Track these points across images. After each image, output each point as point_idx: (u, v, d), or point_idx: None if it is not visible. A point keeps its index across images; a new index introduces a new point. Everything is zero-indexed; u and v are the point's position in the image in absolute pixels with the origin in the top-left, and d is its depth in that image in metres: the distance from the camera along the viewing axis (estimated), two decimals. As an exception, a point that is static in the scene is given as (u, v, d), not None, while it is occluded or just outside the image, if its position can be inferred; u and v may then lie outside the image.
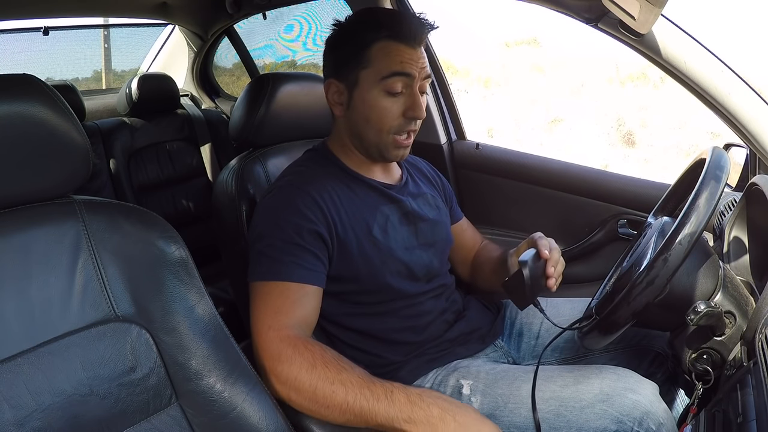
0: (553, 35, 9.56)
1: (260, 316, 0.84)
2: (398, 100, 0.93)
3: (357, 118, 0.96)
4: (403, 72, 0.91)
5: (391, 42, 0.91)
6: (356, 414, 0.75)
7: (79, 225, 0.69)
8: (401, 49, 0.92)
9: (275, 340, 0.80)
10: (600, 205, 1.48)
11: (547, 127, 7.62)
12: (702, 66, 0.99)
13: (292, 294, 0.85)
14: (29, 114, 0.63)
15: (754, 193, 0.97)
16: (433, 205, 1.09)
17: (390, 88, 0.92)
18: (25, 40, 2.19)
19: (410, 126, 0.95)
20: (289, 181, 0.95)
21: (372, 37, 0.92)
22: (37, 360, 0.63)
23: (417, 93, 0.94)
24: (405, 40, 0.92)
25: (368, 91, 0.93)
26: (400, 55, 0.91)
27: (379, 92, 0.93)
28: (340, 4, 1.80)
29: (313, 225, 0.89)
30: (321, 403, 0.76)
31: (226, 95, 2.59)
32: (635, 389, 0.82)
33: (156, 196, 2.05)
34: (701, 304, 0.74)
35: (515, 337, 1.11)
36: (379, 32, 0.92)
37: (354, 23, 0.97)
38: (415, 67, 0.92)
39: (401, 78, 0.92)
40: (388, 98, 0.93)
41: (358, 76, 0.93)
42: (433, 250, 1.05)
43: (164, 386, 0.71)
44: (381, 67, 0.91)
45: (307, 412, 0.79)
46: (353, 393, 0.75)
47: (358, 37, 0.93)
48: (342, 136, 1.02)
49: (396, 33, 0.91)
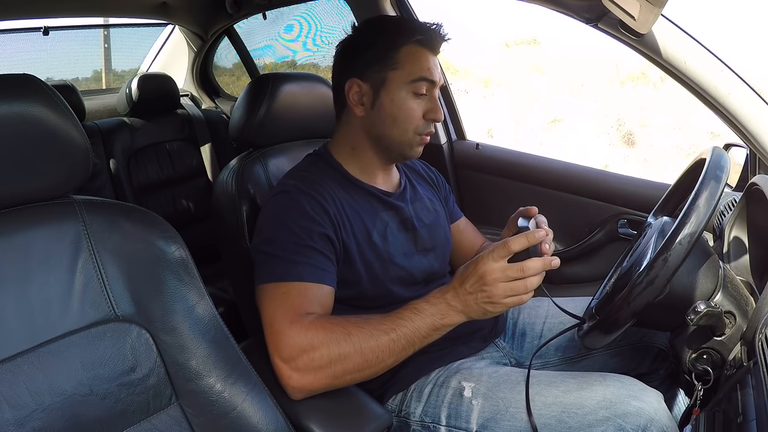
0: (553, 35, 9.56)
1: (277, 315, 0.82)
2: (422, 103, 0.97)
3: (383, 117, 0.98)
4: (429, 78, 0.96)
5: (419, 47, 0.96)
6: (401, 350, 0.81)
7: (79, 225, 0.69)
8: (428, 55, 0.97)
9: (300, 331, 0.80)
10: (600, 205, 1.48)
11: (547, 127, 7.62)
12: (702, 66, 0.99)
13: (311, 293, 0.85)
14: (29, 114, 0.63)
15: (754, 193, 0.97)
16: (431, 209, 1.09)
17: (417, 90, 0.96)
18: (25, 40, 2.19)
19: (429, 128, 1.00)
20: (295, 185, 0.95)
21: (403, 41, 0.96)
22: (37, 360, 0.63)
23: (436, 97, 0.99)
24: (431, 47, 0.98)
25: (397, 91, 0.96)
26: (427, 61, 0.97)
27: (407, 93, 0.96)
28: (340, 4, 1.80)
29: (323, 228, 0.90)
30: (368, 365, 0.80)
31: (226, 95, 2.59)
32: (639, 397, 0.81)
33: (156, 196, 2.05)
34: (701, 304, 0.74)
35: (518, 337, 1.11)
36: (410, 36, 0.96)
37: (384, 25, 1.03)
38: (436, 74, 0.98)
39: (426, 83, 0.96)
40: (415, 100, 0.97)
41: (386, 76, 0.96)
42: (432, 254, 1.05)
43: (164, 386, 0.71)
44: (411, 71, 0.95)
45: (356, 381, 0.82)
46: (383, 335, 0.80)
47: (389, 38, 0.97)
48: (350, 138, 1.02)
49: (425, 40, 0.97)
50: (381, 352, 0.80)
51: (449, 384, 0.93)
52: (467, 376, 0.93)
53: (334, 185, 0.97)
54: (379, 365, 0.81)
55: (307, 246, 0.87)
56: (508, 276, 0.75)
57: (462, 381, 0.92)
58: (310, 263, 0.87)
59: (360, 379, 0.82)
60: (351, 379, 0.81)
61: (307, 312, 0.83)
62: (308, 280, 0.86)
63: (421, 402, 0.93)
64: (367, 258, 0.94)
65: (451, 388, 0.92)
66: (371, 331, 0.80)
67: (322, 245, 0.89)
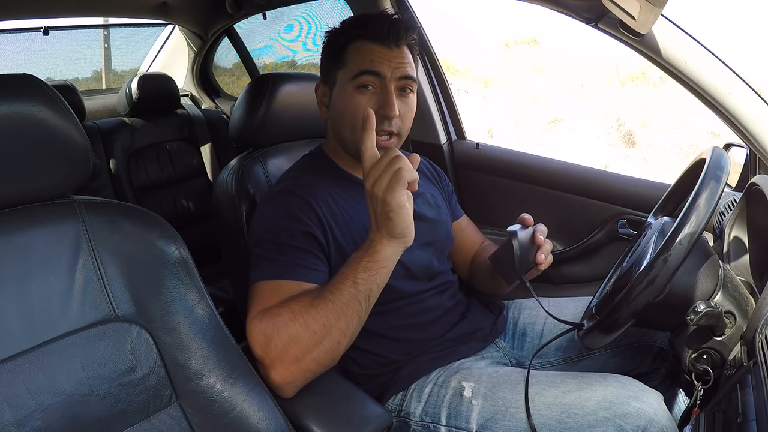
0: (553, 35, 9.56)
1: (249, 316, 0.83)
2: (371, 98, 0.93)
3: (335, 117, 0.99)
4: (371, 70, 0.92)
5: (364, 42, 0.94)
6: (347, 305, 0.79)
7: (79, 225, 0.69)
8: (374, 48, 0.93)
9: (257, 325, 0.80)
10: (600, 205, 1.48)
11: (547, 127, 7.62)
12: (702, 66, 0.99)
13: (285, 291, 0.85)
14: (29, 114, 0.63)
15: (754, 193, 0.96)
16: (432, 204, 1.09)
17: (361, 83, 0.93)
18: (25, 40, 2.19)
19: (384, 125, 0.93)
20: (285, 187, 0.97)
21: (346, 38, 0.95)
22: (37, 360, 0.63)
23: (390, 92, 0.93)
24: (378, 40, 0.93)
25: (343, 89, 0.95)
26: (372, 54, 0.93)
27: (352, 90, 0.94)
28: (340, 4, 1.80)
29: (306, 227, 0.90)
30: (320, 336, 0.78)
31: (226, 95, 2.59)
32: (639, 397, 0.81)
33: (156, 196, 2.05)
34: (701, 304, 0.74)
35: (518, 337, 1.11)
36: (351, 32, 0.95)
37: (334, 29, 1.00)
38: (386, 66, 0.92)
39: (371, 76, 0.93)
40: (361, 95, 0.94)
41: (336, 76, 0.97)
42: (431, 249, 1.04)
43: (164, 386, 0.71)
44: (352, 67, 0.94)
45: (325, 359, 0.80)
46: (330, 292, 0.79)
47: (336, 39, 0.97)
48: (330, 138, 1.05)
49: (367, 32, 0.93)
50: (326, 317, 0.78)
51: (449, 384, 0.93)
52: (467, 376, 0.93)
53: (330, 184, 0.98)
54: (333, 332, 0.78)
55: (289, 246, 0.88)
56: (378, 171, 0.75)
57: (462, 381, 0.92)
58: (292, 261, 0.87)
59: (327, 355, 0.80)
60: (316, 357, 0.79)
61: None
62: (285, 278, 0.86)
63: (421, 402, 0.93)
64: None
65: (451, 388, 0.92)
66: (311, 300, 0.79)
67: (306, 244, 0.89)
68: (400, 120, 0.94)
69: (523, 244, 0.88)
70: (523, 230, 0.90)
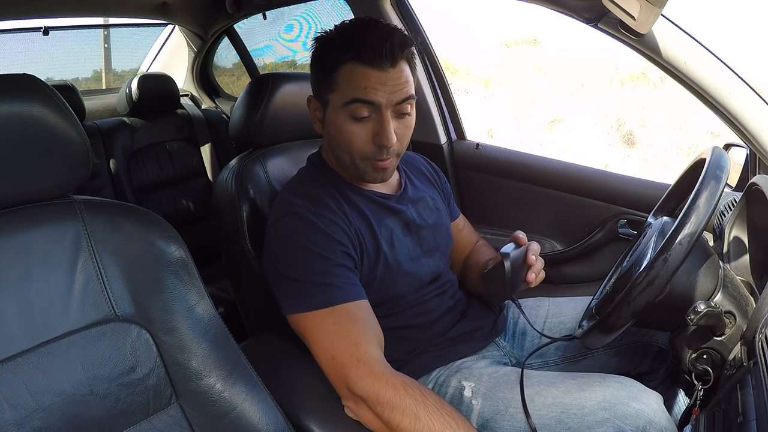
0: (553, 35, 9.55)
1: (338, 348, 0.81)
2: (366, 126, 0.88)
3: (331, 138, 0.94)
4: (365, 99, 0.85)
5: (357, 65, 0.85)
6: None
7: (79, 225, 0.69)
8: (367, 73, 0.85)
9: (370, 378, 0.78)
10: (600, 205, 1.48)
11: (547, 127, 7.62)
12: (702, 66, 0.99)
13: (358, 316, 0.83)
14: (29, 114, 0.63)
15: (754, 193, 0.96)
16: (433, 208, 1.09)
17: (354, 113, 0.87)
18: (25, 40, 2.19)
19: (383, 154, 0.89)
20: (304, 206, 0.91)
21: (337, 60, 0.87)
22: (37, 360, 0.63)
23: (386, 119, 0.87)
24: (372, 63, 0.84)
25: (336, 114, 0.89)
26: (365, 80, 0.85)
27: (345, 117, 0.88)
28: (340, 4, 1.80)
29: (343, 246, 0.88)
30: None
31: (226, 95, 2.59)
32: (639, 398, 0.81)
33: (156, 196, 2.05)
34: (701, 304, 0.74)
35: (519, 336, 1.11)
36: (342, 54, 0.86)
37: (323, 42, 0.91)
38: (381, 93, 0.85)
39: (365, 105, 0.86)
40: (355, 123, 0.88)
41: (328, 98, 0.90)
42: (437, 254, 1.04)
43: (164, 386, 0.71)
44: (345, 92, 0.87)
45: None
46: None
47: (325, 58, 0.89)
48: (326, 150, 1.02)
49: (360, 55, 0.84)
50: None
51: (449, 383, 0.93)
52: (467, 376, 0.93)
53: (338, 197, 0.95)
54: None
55: (335, 264, 0.86)
56: None
57: (462, 381, 0.92)
58: (344, 282, 0.85)
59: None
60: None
61: (369, 342, 0.82)
62: (350, 300, 0.84)
63: (421, 401, 0.93)
64: (378, 269, 0.93)
65: (452, 388, 0.92)
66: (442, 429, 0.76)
67: (347, 261, 0.87)
68: (399, 142, 0.90)
69: (515, 266, 0.88)
70: (515, 250, 0.89)
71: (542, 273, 0.94)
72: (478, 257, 1.14)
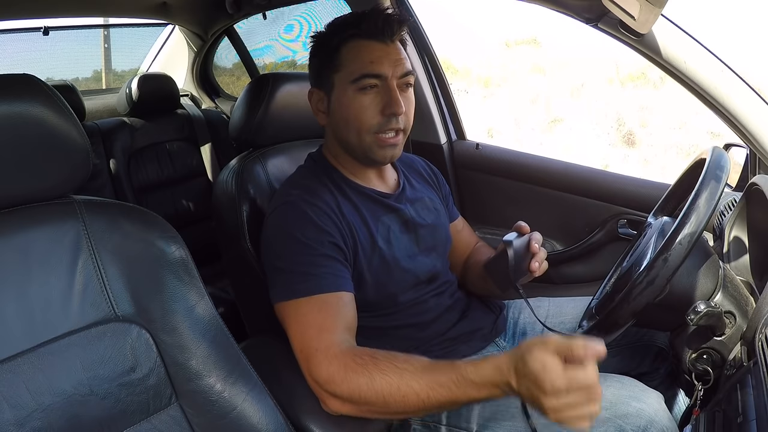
0: (553, 35, 9.55)
1: (304, 338, 0.82)
2: (375, 98, 0.91)
3: (338, 122, 0.96)
4: (373, 73, 0.90)
5: (359, 41, 0.91)
6: (436, 406, 0.75)
7: (79, 225, 0.69)
8: (371, 46, 0.91)
9: (324, 362, 0.79)
10: (600, 205, 1.48)
11: (547, 127, 7.61)
12: (702, 66, 0.99)
13: (331, 307, 0.84)
14: (29, 114, 0.63)
15: (754, 193, 0.97)
16: (431, 209, 1.09)
17: (362, 86, 0.91)
18: (25, 40, 2.19)
19: (392, 124, 0.92)
20: (299, 195, 0.94)
21: (339, 39, 0.92)
22: (37, 360, 0.63)
23: (394, 88, 0.91)
24: (373, 36, 0.91)
25: (343, 93, 0.92)
26: (370, 53, 0.90)
27: (354, 92, 0.91)
28: (340, 4, 1.80)
29: (331, 237, 0.89)
30: (395, 407, 0.76)
31: (226, 95, 2.59)
32: (639, 398, 0.81)
33: (156, 196, 2.05)
34: (701, 304, 0.74)
35: (519, 337, 1.11)
36: (344, 32, 0.91)
37: (323, 29, 0.97)
38: (387, 64, 0.90)
39: (372, 78, 0.90)
40: (364, 96, 0.91)
41: (333, 80, 0.94)
42: (435, 254, 1.05)
43: (164, 386, 0.71)
44: (352, 69, 0.91)
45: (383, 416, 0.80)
46: (424, 391, 0.74)
47: (327, 41, 0.94)
48: (330, 145, 1.03)
49: (361, 30, 0.90)
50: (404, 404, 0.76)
51: (449, 384, 0.93)
52: (467, 376, 0.93)
53: (335, 191, 0.97)
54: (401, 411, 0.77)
55: (320, 255, 0.86)
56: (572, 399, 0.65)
57: (462, 381, 0.92)
58: (327, 273, 0.85)
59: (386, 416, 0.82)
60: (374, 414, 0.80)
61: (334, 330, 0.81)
62: (326, 291, 0.84)
63: (421, 401, 0.93)
64: (374, 265, 0.94)
65: (452, 388, 0.92)
66: (399, 380, 0.76)
67: (335, 252, 0.88)
68: (405, 116, 0.94)
69: (518, 253, 0.88)
70: (518, 238, 0.90)
71: (545, 263, 0.94)
72: (478, 257, 1.14)
